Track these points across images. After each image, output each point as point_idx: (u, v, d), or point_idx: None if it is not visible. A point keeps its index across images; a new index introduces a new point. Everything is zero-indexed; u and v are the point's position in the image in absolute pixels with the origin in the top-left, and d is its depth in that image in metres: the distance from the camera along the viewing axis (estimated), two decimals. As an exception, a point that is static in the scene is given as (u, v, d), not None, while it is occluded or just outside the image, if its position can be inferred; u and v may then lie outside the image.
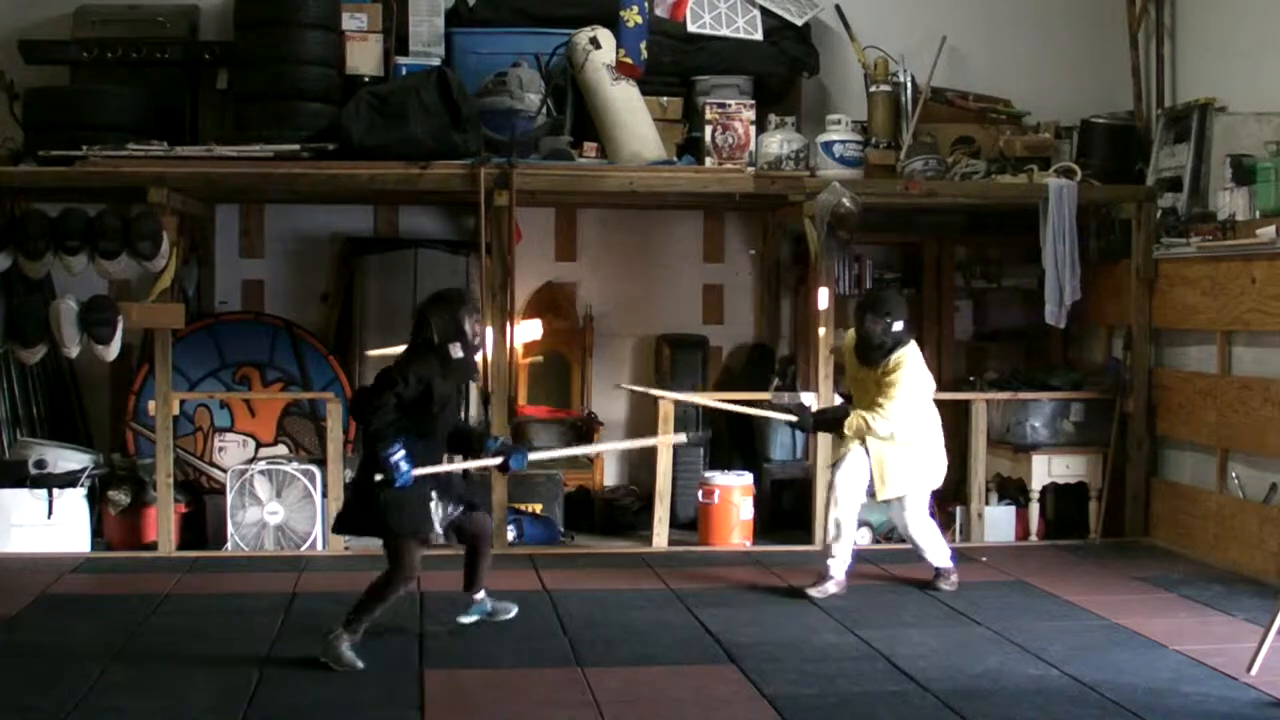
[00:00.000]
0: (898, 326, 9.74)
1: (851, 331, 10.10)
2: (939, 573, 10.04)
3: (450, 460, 8.70)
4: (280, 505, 11.07)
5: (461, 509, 8.55)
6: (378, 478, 7.97)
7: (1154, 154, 11.76)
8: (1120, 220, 11.87)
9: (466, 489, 8.88)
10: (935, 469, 10.00)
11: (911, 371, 9.74)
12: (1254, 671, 7.58)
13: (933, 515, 10.17)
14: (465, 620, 8.82)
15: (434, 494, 8.22)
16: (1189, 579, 10.17)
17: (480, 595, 8.85)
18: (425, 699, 7.32)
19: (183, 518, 11.23)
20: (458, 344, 8.21)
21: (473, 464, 8.86)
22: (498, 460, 8.69)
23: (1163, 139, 11.70)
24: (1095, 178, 11.77)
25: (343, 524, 8.74)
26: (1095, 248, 12.07)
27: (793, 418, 10.00)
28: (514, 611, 8.92)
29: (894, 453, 9.71)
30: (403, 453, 7.94)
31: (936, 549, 10.04)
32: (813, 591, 9.72)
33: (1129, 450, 11.74)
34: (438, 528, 8.31)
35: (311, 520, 11.08)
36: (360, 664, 7.85)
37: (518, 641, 8.48)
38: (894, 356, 9.71)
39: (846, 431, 9.71)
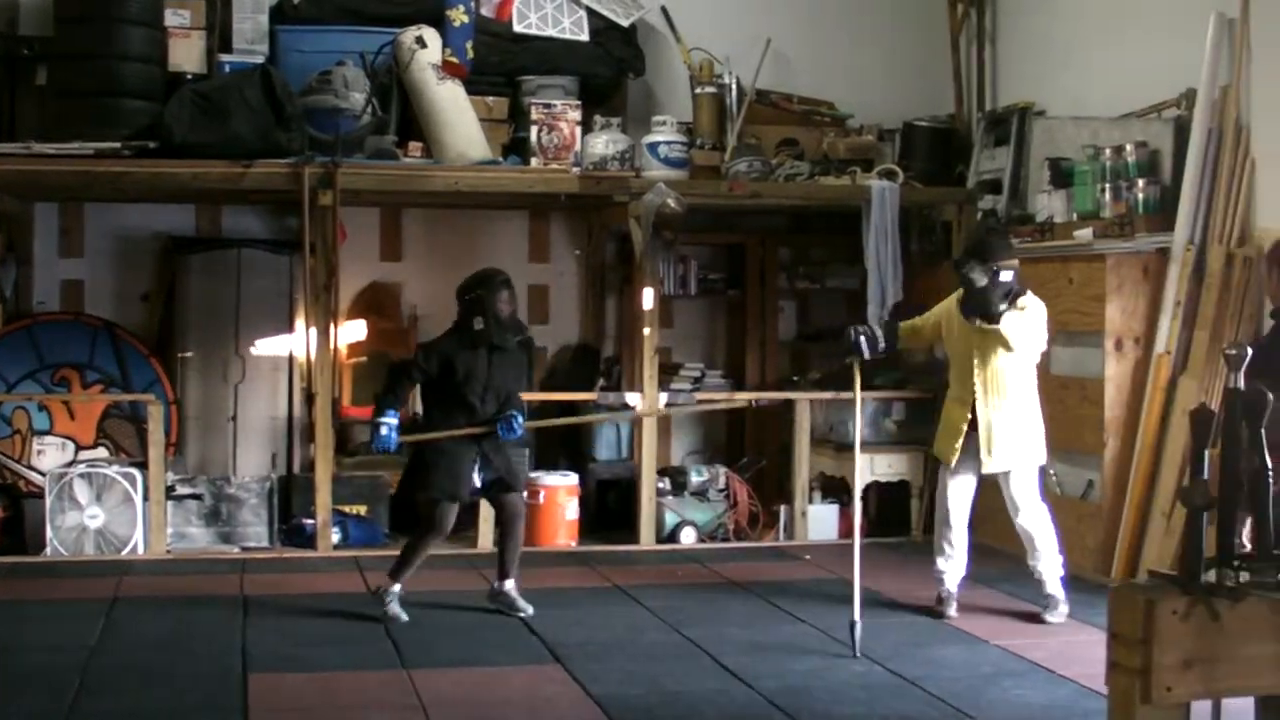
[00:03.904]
0: (1006, 276, 8.78)
1: (950, 298, 9.28)
2: (1048, 601, 9.12)
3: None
4: (100, 509, 10.88)
5: (496, 486, 9.20)
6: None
7: (974, 157, 11.95)
8: (941, 222, 12.04)
9: (510, 470, 9.31)
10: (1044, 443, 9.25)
11: (1036, 317, 8.88)
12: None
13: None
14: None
15: (475, 462, 9.05)
16: (1010, 575, 10.30)
17: (506, 586, 9.30)
18: (249, 703, 7.24)
19: (0, 523, 11.01)
20: (479, 318, 8.99)
21: (464, 431, 9.13)
22: (485, 429, 9.13)
23: (983, 142, 11.90)
24: (917, 180, 11.94)
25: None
26: (917, 249, 12.22)
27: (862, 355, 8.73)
28: (529, 611, 9.17)
29: (1003, 419, 8.90)
30: (392, 421, 9.05)
31: (1048, 548, 9.12)
32: (951, 612, 9.17)
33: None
34: (464, 495, 9.17)
35: (132, 524, 10.91)
36: (405, 617, 8.94)
37: (343, 644, 8.43)
38: (1017, 306, 8.80)
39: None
